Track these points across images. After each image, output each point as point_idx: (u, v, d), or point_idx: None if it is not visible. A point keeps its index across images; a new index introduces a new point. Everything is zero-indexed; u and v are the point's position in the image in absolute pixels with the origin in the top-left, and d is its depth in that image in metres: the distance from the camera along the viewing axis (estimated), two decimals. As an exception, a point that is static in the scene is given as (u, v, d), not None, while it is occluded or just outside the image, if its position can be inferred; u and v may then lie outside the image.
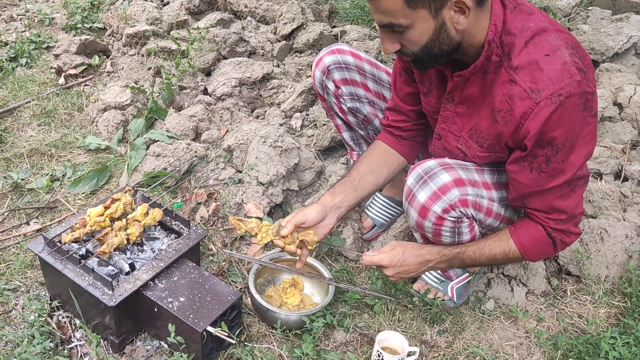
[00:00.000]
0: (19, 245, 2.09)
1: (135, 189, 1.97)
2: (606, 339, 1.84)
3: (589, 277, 2.15)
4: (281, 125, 2.68)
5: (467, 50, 1.50)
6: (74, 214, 2.19)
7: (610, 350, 1.81)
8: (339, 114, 2.12)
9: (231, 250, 2.12)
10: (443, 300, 2.03)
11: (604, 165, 2.55)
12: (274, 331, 1.86)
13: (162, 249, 1.82)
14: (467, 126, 1.66)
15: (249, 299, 1.96)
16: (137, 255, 1.83)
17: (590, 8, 3.73)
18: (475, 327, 1.99)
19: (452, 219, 1.65)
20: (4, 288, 1.90)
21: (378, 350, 1.74)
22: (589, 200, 2.38)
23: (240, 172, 2.46)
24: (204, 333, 1.62)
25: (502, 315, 2.05)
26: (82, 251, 1.75)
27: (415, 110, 1.88)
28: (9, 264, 2.01)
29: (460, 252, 1.74)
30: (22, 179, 2.37)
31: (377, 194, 2.34)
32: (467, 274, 2.04)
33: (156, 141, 2.54)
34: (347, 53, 2.01)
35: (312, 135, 2.67)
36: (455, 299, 2.03)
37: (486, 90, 1.55)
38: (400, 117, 1.92)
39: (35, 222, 2.20)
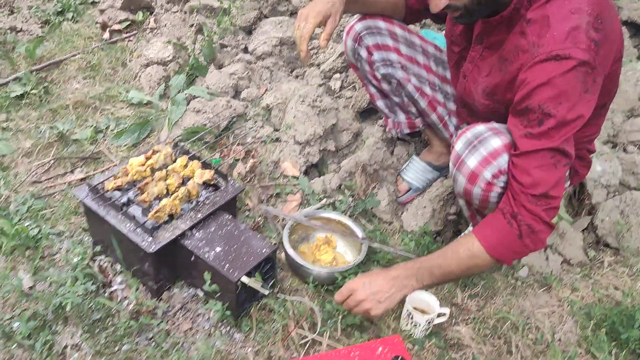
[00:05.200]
0: (63, 193, 2.17)
1: (176, 142, 2.01)
2: (642, 311, 1.81)
3: (628, 249, 2.11)
4: (320, 86, 2.67)
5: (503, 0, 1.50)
6: (116, 165, 2.25)
7: (645, 322, 1.78)
8: (373, 81, 2.09)
9: (267, 206, 2.15)
10: (476, 265, 2.02)
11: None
12: (306, 286, 1.89)
13: (199, 201, 1.86)
14: (485, 72, 1.65)
15: (282, 254, 1.99)
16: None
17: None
18: (507, 293, 1.98)
19: (502, 184, 1.60)
20: (49, 232, 1.98)
21: (408, 310, 1.76)
22: (633, 173, 2.31)
23: (278, 130, 2.47)
24: (239, 283, 1.66)
25: (536, 283, 2.03)
26: (124, 199, 1.81)
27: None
28: (53, 210, 2.09)
29: (425, 259, 1.67)
30: (67, 130, 2.44)
31: (414, 157, 2.33)
32: None
33: (196, 97, 2.57)
34: (378, 18, 1.99)
35: (351, 97, 2.66)
36: (488, 264, 2.01)
37: (505, 40, 1.55)
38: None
39: (80, 172, 2.27)
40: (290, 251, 1.90)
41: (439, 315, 1.79)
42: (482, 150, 1.57)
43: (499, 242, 1.54)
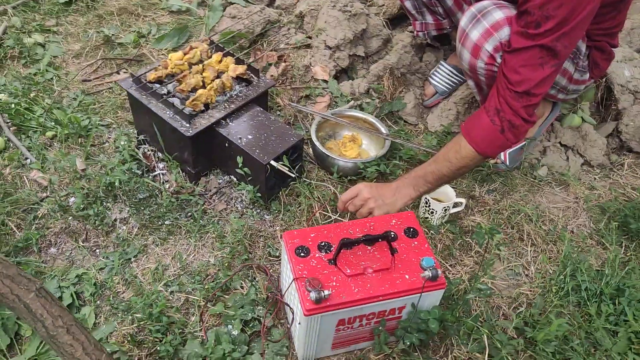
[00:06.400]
0: (111, 90, 2.34)
1: (212, 39, 2.12)
2: (653, 204, 1.88)
3: (650, 153, 2.14)
4: (353, -7, 2.70)
5: None
6: (158, 66, 2.40)
7: (656, 214, 1.85)
8: None
9: (296, 104, 2.27)
10: (496, 163, 2.10)
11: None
12: (331, 177, 2.03)
13: (233, 94, 1.98)
14: None
15: (310, 149, 2.12)
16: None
17: None
18: (524, 189, 2.07)
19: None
20: (99, 123, 2.16)
21: (426, 197, 1.87)
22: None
23: (310, 38, 2.55)
24: (268, 166, 1.80)
25: (554, 181, 2.11)
26: (164, 90, 1.95)
27: None
28: (102, 105, 2.26)
29: (419, 168, 1.73)
30: (113, 34, 2.58)
31: (441, 62, 2.38)
32: None
33: (233, 4, 2.66)
34: None
35: (383, 5, 2.69)
36: (507, 163, 2.10)
37: None
38: None
39: (124, 72, 2.43)
40: (317, 143, 2.03)
41: (455, 205, 1.90)
42: (484, 23, 1.63)
43: (484, 139, 1.61)
